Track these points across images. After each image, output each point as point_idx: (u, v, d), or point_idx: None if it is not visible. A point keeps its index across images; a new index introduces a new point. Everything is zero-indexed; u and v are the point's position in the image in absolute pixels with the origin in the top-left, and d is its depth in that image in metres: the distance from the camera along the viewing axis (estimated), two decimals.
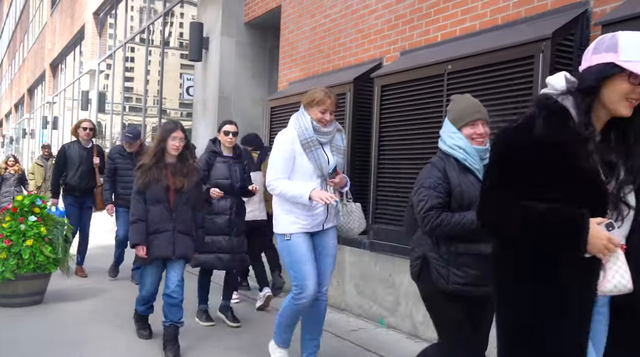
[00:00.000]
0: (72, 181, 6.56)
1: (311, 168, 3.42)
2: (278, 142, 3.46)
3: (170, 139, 3.96)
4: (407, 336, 4.49)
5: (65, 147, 6.72)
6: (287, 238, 3.43)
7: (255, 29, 7.99)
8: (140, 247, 3.90)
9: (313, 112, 3.47)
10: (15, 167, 10.76)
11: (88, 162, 6.59)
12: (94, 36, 15.38)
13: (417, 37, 4.85)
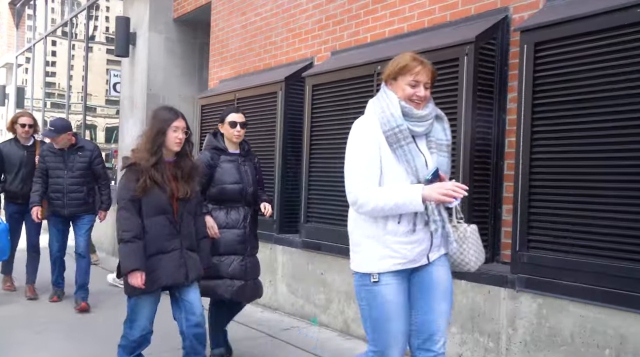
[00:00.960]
0: (12, 187, 5.60)
1: (401, 172, 2.35)
2: (356, 138, 2.42)
3: (171, 131, 3.05)
4: (338, 333, 4.55)
5: (1, 148, 5.69)
6: (373, 280, 2.37)
7: (185, 25, 7.83)
8: (137, 274, 2.87)
9: (399, 86, 2.42)
10: None
11: (30, 163, 5.59)
12: (11, 27, 14.58)
13: (347, 37, 4.91)
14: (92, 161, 5.22)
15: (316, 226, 4.87)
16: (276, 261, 5.31)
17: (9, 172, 5.62)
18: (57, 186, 5.09)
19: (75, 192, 5.13)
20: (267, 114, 5.54)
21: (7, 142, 5.81)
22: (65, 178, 5.08)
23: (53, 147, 5.13)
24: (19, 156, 5.62)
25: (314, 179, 4.96)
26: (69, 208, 5.12)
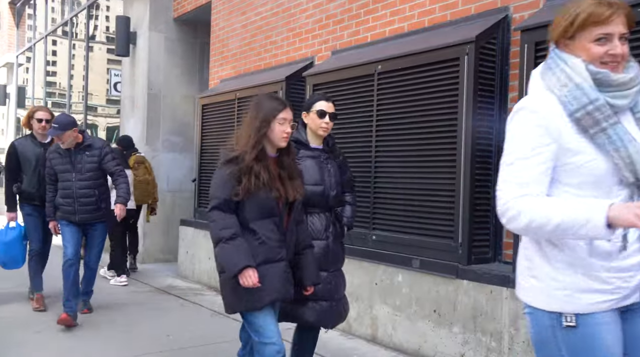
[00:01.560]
0: (29, 188, 5.09)
1: (602, 169, 1.62)
2: (516, 126, 1.73)
3: (277, 123, 2.59)
4: (340, 332, 4.55)
5: (16, 145, 5.19)
6: (567, 323, 1.63)
7: (185, 24, 7.83)
8: (249, 271, 2.45)
9: (580, 46, 1.67)
10: None
11: None
12: (11, 27, 14.58)
13: (347, 37, 4.91)
14: (102, 159, 4.69)
15: None
16: None
17: (26, 172, 5.11)
18: (66, 191, 4.62)
19: (86, 196, 4.64)
20: None
21: (23, 138, 5.31)
22: (74, 181, 4.61)
23: (60, 148, 4.64)
24: (35, 154, 5.09)
25: None
26: (80, 214, 4.65)
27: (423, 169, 4.04)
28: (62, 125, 4.51)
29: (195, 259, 6.56)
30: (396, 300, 4.11)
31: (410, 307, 4.00)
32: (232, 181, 2.51)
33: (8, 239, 5.04)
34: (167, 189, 7.75)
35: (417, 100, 4.09)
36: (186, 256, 6.74)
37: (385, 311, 4.19)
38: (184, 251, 6.78)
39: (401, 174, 4.18)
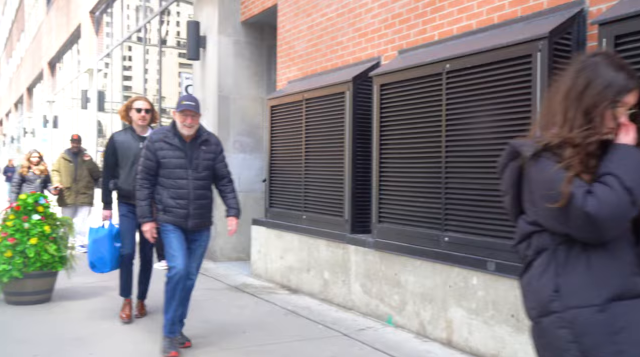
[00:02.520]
0: (125, 185, 4.72)
1: None
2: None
3: None
4: (414, 335, 4.55)
5: (115, 137, 4.83)
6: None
7: (252, 27, 7.98)
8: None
9: None
10: (41, 167, 8.56)
11: None
12: (91, 35, 15.35)
13: (414, 36, 4.86)
14: (216, 158, 4.14)
15: (390, 226, 4.88)
16: (349, 261, 5.37)
17: (123, 167, 4.74)
18: (180, 191, 3.95)
19: (202, 198, 4.04)
20: (335, 113, 5.58)
21: (123, 131, 4.92)
22: (191, 180, 3.97)
23: (168, 137, 3.97)
24: (134, 149, 4.68)
25: (385, 179, 4.96)
26: (194, 220, 4.01)
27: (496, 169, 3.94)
28: (198, 104, 3.95)
29: (267, 258, 6.72)
30: (471, 303, 4.05)
31: (487, 311, 3.93)
32: None
33: (98, 237, 4.76)
34: (238, 190, 7.88)
35: (488, 99, 4.00)
36: (259, 255, 6.91)
37: (460, 314, 4.14)
38: (257, 250, 6.95)
39: (474, 174, 4.10)
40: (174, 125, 3.99)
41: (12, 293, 5.23)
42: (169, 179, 3.94)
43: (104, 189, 4.84)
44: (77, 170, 8.32)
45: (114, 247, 4.75)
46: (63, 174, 8.30)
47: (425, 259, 4.46)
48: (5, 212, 5.42)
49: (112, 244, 4.73)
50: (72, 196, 8.29)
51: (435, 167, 4.42)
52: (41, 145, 24.07)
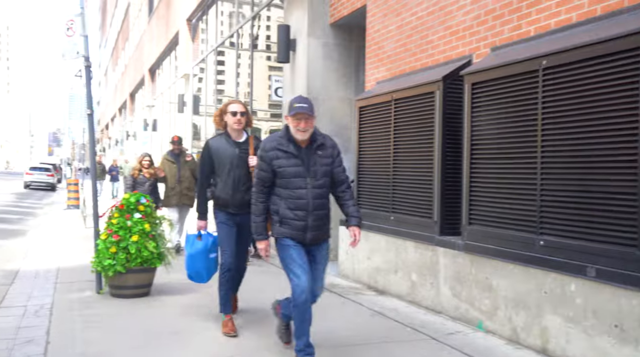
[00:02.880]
0: (223, 193, 4.49)
1: None
2: None
3: None
4: (506, 341, 4.38)
5: (211, 144, 4.57)
6: None
7: (341, 29, 8.05)
8: None
9: None
10: (151, 170, 8.53)
11: (242, 165, 4.47)
12: (188, 41, 16.10)
13: (508, 32, 4.69)
14: (334, 162, 3.77)
15: (481, 228, 4.74)
16: (438, 263, 5.27)
17: (219, 175, 4.51)
18: (299, 201, 3.60)
19: (321, 208, 3.67)
20: (425, 113, 5.50)
21: (218, 137, 4.64)
22: (309, 189, 3.62)
23: (284, 144, 3.64)
24: (229, 155, 4.47)
25: (477, 180, 4.83)
26: (313, 232, 3.66)
27: (598, 170, 3.73)
28: (311, 106, 3.62)
29: (355, 259, 6.73)
30: (569, 311, 3.85)
31: (586, 319, 3.72)
32: None
33: (193, 251, 4.66)
34: None
35: (589, 95, 3.79)
36: (346, 255, 6.94)
37: (557, 322, 3.95)
38: (344, 251, 6.98)
39: (573, 175, 3.90)
40: (287, 130, 3.66)
41: (115, 287, 5.57)
42: (287, 189, 3.61)
43: (199, 197, 4.61)
44: (180, 171, 8.31)
45: (209, 260, 4.68)
46: (168, 175, 8.33)
47: (519, 263, 4.29)
48: (111, 211, 5.77)
49: (207, 258, 4.66)
50: (176, 196, 8.28)
51: (530, 167, 4.24)
52: (141, 148, 25.55)
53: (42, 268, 6.95)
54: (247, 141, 4.55)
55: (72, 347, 4.03)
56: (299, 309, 3.57)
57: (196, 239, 4.65)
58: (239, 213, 4.44)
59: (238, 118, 4.47)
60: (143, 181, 8.48)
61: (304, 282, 3.52)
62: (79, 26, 5.88)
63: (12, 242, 9.85)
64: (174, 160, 8.41)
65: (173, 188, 8.30)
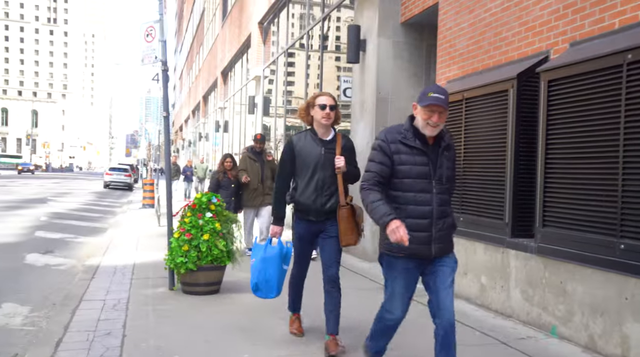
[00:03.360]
0: (303, 198, 3.97)
1: None
2: None
3: None
4: (582, 349, 4.18)
5: (294, 141, 4.06)
6: None
7: (412, 28, 7.96)
8: None
9: None
10: (233, 172, 8.22)
11: (328, 165, 3.92)
12: (259, 44, 16.43)
13: (589, 26, 4.48)
14: (454, 166, 3.29)
15: (555, 230, 4.55)
16: (509, 266, 5.10)
17: (301, 176, 3.99)
18: (422, 208, 3.06)
19: (445, 216, 3.14)
20: (497, 112, 5.34)
21: (302, 134, 4.10)
22: (434, 194, 3.09)
23: (409, 137, 3.08)
24: (315, 155, 3.95)
25: (552, 181, 4.64)
26: (438, 244, 3.11)
27: None
28: (447, 98, 3.06)
29: None
30: None
31: None
32: None
33: (267, 255, 4.15)
34: None
35: None
36: None
37: (639, 330, 3.73)
38: None
39: None
40: (412, 122, 3.13)
41: (187, 284, 5.74)
42: (408, 192, 3.05)
43: (276, 201, 4.11)
44: (263, 170, 7.98)
45: (283, 270, 4.17)
46: (251, 174, 7.96)
47: (597, 267, 4.08)
48: (184, 210, 5.96)
49: (281, 266, 4.14)
50: (259, 196, 7.96)
51: (610, 167, 4.03)
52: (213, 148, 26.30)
53: (120, 264, 7.27)
54: (335, 139, 3.99)
55: (146, 340, 4.18)
56: (381, 327, 3.29)
57: (269, 244, 4.16)
58: (320, 221, 3.97)
59: (327, 112, 3.91)
60: (227, 183, 8.18)
61: (397, 313, 3.21)
62: (158, 32, 6.13)
63: (93, 239, 10.38)
64: (256, 158, 8.04)
65: (256, 188, 7.94)
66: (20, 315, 5.13)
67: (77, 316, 4.78)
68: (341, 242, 3.88)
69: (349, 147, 4.05)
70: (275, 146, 14.52)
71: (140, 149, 61.62)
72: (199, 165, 20.56)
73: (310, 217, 3.98)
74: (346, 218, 3.83)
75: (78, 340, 4.14)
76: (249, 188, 7.96)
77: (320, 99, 3.96)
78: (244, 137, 19.04)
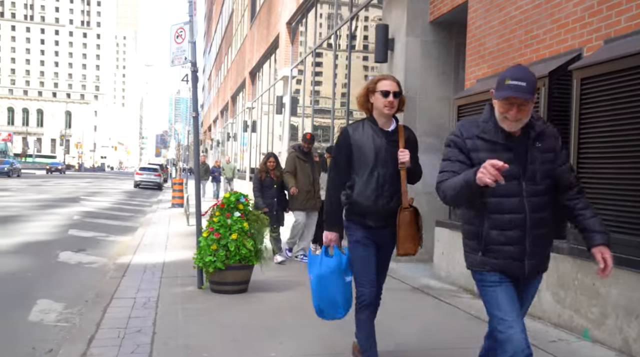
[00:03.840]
0: (362, 198, 3.31)
1: None
2: None
3: None
4: (617, 352, 4.08)
5: (350, 131, 3.38)
6: None
7: (440, 27, 7.88)
8: None
9: None
10: (276, 172, 7.86)
11: (390, 160, 3.30)
12: (287, 44, 16.49)
13: (625, 22, 4.37)
14: (556, 158, 2.59)
15: None
16: None
17: (359, 174, 3.33)
18: (511, 216, 2.49)
19: (542, 225, 2.53)
20: None
21: (359, 124, 3.41)
22: (526, 197, 2.50)
23: (489, 131, 2.54)
24: (376, 148, 3.30)
25: (584, 181, 4.53)
26: (532, 260, 2.55)
27: None
28: (532, 85, 2.44)
29: (450, 261, 6.56)
30: None
31: None
32: None
33: (323, 271, 3.41)
34: (422, 191, 7.89)
35: None
36: (442, 257, 6.78)
37: None
38: (440, 252, 6.83)
39: None
40: (493, 112, 2.59)
41: (215, 282, 5.79)
42: (490, 197, 2.49)
43: (330, 203, 3.41)
44: (314, 171, 7.60)
45: (346, 283, 3.45)
46: (300, 175, 7.46)
47: (633, 269, 3.98)
48: (212, 210, 6.01)
49: (343, 280, 3.43)
50: (311, 200, 7.57)
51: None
52: (241, 148, 26.49)
53: (150, 263, 7.37)
54: (397, 131, 3.36)
55: (176, 338, 4.23)
56: None
57: (324, 255, 3.43)
58: (380, 227, 3.33)
59: (390, 100, 3.26)
60: (270, 184, 7.79)
61: (517, 338, 2.44)
62: (188, 33, 6.20)
63: (124, 237, 10.55)
64: (306, 159, 7.59)
65: (308, 191, 7.52)
66: (54, 311, 5.24)
67: (108, 313, 4.87)
68: (398, 250, 3.33)
69: (412, 140, 3.44)
70: None
71: (170, 149, 62.48)
72: (226, 165, 20.47)
73: (368, 221, 3.32)
74: (408, 223, 3.28)
75: (109, 337, 4.21)
76: (300, 190, 7.53)
77: (382, 84, 3.30)
78: (271, 137, 19.14)
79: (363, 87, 3.41)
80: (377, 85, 3.33)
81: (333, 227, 3.42)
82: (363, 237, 3.35)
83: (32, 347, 4.23)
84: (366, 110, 3.43)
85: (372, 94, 3.35)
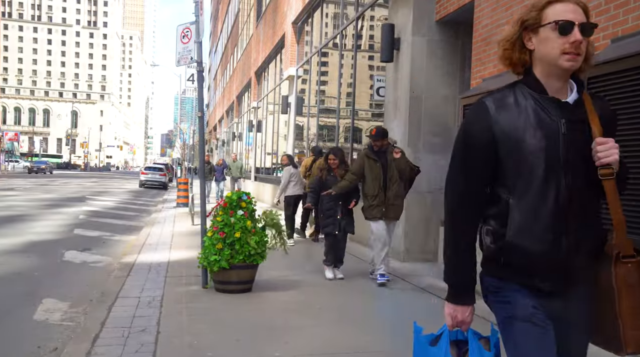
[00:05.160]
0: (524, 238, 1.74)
1: None
2: None
3: None
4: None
5: (494, 109, 1.77)
6: None
7: (447, 26, 7.85)
8: None
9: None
10: (340, 171, 6.82)
11: (580, 158, 1.74)
12: (293, 44, 16.49)
13: (632, 21, 4.33)
14: None
15: None
16: None
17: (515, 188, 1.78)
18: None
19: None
20: None
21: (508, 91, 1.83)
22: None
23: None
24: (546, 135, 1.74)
25: None
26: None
27: None
28: None
29: None
30: None
31: None
32: None
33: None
34: (426, 190, 7.87)
35: None
36: None
37: None
38: None
39: None
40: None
41: (220, 282, 5.77)
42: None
43: (452, 243, 1.92)
44: (387, 173, 6.29)
45: None
46: (368, 178, 6.32)
47: None
48: (215, 209, 6.00)
49: None
50: (378, 207, 6.28)
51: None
52: (246, 148, 26.50)
53: (154, 262, 7.37)
54: (582, 102, 1.78)
55: (180, 337, 4.22)
56: None
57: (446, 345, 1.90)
58: (557, 292, 1.77)
59: (576, 39, 1.69)
60: (333, 183, 6.69)
61: None
62: (194, 33, 6.19)
63: (129, 237, 10.57)
64: (377, 158, 6.34)
65: (376, 196, 6.26)
66: (59, 310, 5.24)
67: (113, 312, 4.87)
68: (625, 345, 1.70)
69: (609, 116, 1.84)
70: (307, 146, 14.52)
71: (175, 148, 62.64)
72: (232, 163, 20.11)
73: (536, 281, 1.77)
74: (634, 286, 1.73)
75: (114, 336, 4.21)
76: (368, 195, 6.35)
77: (556, 9, 1.74)
78: (277, 137, 19.14)
79: (514, 20, 1.88)
80: (545, 13, 1.76)
81: (463, 295, 1.92)
82: (531, 312, 1.77)
83: (37, 346, 4.23)
84: (514, 65, 1.87)
85: (534, 31, 1.79)
